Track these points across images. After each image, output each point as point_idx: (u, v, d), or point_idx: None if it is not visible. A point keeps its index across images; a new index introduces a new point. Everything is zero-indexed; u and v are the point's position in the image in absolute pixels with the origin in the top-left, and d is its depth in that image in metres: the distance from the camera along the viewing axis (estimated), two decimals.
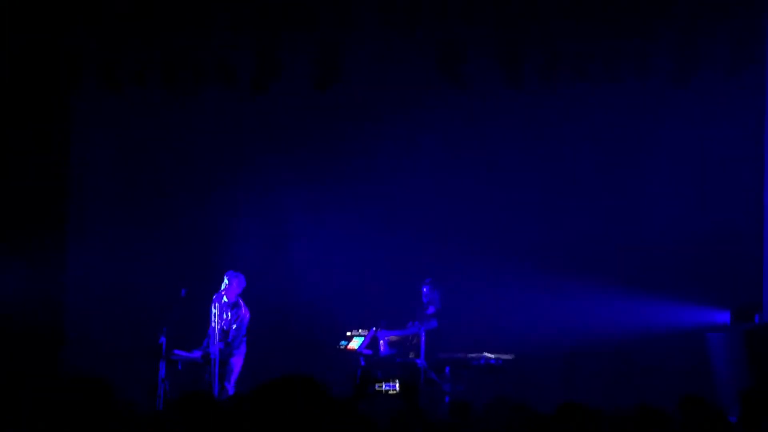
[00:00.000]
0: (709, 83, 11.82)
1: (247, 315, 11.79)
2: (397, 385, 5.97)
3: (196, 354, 11.68)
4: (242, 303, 11.84)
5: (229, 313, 11.74)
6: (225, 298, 11.74)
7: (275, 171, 13.30)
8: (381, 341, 12.08)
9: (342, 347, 12.04)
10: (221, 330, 11.62)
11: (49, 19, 11.64)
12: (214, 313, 11.60)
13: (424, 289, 12.22)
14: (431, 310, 12.11)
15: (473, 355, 11.87)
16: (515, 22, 11.42)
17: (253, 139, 13.36)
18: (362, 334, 12.03)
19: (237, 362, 11.74)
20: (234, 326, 11.71)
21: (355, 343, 12.00)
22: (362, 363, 11.83)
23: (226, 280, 11.75)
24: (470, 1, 11.37)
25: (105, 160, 13.40)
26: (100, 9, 11.54)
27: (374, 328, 12.07)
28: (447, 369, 11.78)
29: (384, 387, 6.06)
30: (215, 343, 11.47)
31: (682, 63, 11.43)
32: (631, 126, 12.82)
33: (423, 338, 11.63)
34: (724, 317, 12.02)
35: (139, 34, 11.77)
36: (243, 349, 11.80)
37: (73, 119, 13.05)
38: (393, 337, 12.15)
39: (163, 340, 11.37)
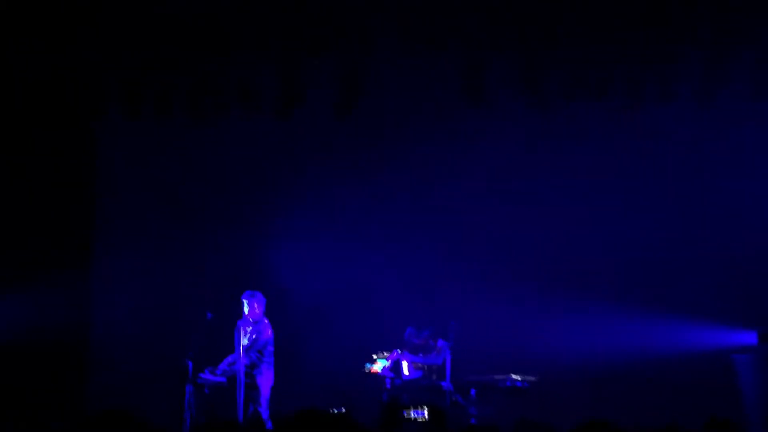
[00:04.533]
0: (732, 107, 11.81)
1: (269, 330, 11.82)
2: (426, 412, 5.95)
3: (222, 378, 11.71)
4: (266, 321, 11.88)
5: (250, 328, 11.79)
6: (250, 319, 11.81)
7: (299, 195, 13.34)
8: (404, 363, 12.06)
9: (367, 370, 12.04)
10: (245, 346, 11.66)
11: (72, 48, 11.73)
12: (239, 337, 11.65)
13: (414, 340, 12.16)
14: (440, 343, 12.05)
15: (499, 377, 11.84)
16: (538, 45, 11.43)
17: (276, 163, 13.41)
18: (387, 356, 12.02)
19: (264, 383, 11.75)
20: (253, 336, 11.74)
21: (378, 366, 11.99)
22: (387, 386, 11.82)
23: (245, 304, 11.80)
24: (492, 23, 11.38)
25: (130, 185, 13.47)
26: (124, 37, 11.63)
27: (397, 351, 12.07)
28: (473, 391, 11.75)
29: (413, 414, 6.03)
30: (240, 361, 11.52)
31: (705, 86, 11.43)
32: (654, 148, 12.80)
33: (449, 362, 11.62)
34: (751, 338, 11.97)
35: (162, 62, 11.85)
36: (270, 371, 11.81)
37: (98, 146, 13.15)
38: (416, 362, 12.13)
39: (189, 363, 11.42)
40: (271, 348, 11.83)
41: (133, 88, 12.15)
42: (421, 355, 12.10)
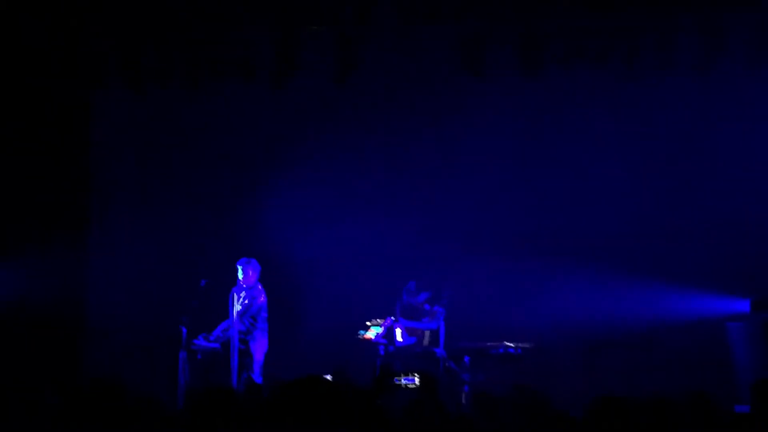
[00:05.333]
0: (730, 74, 11.77)
1: (262, 297, 11.81)
2: (417, 378, 5.96)
3: (216, 344, 11.73)
4: (260, 287, 11.87)
5: (243, 294, 11.78)
6: (244, 285, 11.81)
7: (294, 164, 13.30)
8: (398, 330, 12.07)
9: (360, 336, 12.06)
10: (238, 313, 11.66)
11: (69, 19, 11.67)
12: (233, 303, 11.65)
13: (412, 300, 12.18)
14: (435, 308, 12.07)
15: (493, 343, 11.85)
16: (535, 12, 11.39)
17: (271, 131, 13.38)
18: (380, 323, 12.03)
19: (257, 350, 11.76)
20: (246, 302, 11.74)
21: (372, 333, 12.01)
22: (381, 352, 11.84)
23: (240, 270, 11.80)
24: None
25: (125, 155, 13.43)
26: (121, 7, 11.57)
27: (391, 318, 12.08)
28: (466, 358, 11.76)
29: (403, 381, 6.04)
30: (234, 327, 11.53)
31: (703, 53, 11.40)
32: (652, 116, 12.77)
33: (443, 328, 11.63)
34: (743, 306, 11.99)
35: (158, 33, 11.80)
36: (264, 338, 11.82)
37: (94, 117, 13.11)
38: (410, 328, 12.15)
39: (183, 329, 11.44)
40: (264, 314, 11.83)
41: (129, 58, 12.11)
42: (415, 320, 12.12)
